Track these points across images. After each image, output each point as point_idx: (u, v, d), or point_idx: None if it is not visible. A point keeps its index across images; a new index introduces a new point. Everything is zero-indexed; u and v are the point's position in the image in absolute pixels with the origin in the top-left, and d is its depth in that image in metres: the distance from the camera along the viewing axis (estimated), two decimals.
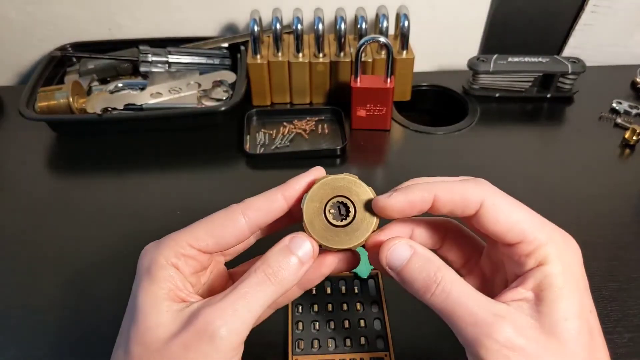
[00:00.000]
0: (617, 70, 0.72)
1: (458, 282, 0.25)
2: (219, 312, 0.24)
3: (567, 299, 0.24)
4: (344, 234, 0.28)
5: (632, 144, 0.58)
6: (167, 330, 0.24)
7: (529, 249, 0.25)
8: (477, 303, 0.24)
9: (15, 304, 0.42)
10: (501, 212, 0.25)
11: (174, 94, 0.62)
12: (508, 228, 0.25)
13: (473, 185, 0.26)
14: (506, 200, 0.26)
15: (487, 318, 0.24)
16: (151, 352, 0.24)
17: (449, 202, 0.26)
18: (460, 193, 0.26)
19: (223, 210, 0.28)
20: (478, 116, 0.64)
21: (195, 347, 0.23)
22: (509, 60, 0.65)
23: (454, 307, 0.24)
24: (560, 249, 0.25)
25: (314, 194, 0.28)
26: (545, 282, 0.24)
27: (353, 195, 0.28)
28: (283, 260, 0.26)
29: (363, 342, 0.38)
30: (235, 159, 0.58)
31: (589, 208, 0.50)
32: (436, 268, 0.25)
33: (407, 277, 0.26)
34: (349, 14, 0.63)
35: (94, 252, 0.46)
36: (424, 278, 0.25)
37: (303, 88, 0.65)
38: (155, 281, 0.25)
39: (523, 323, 0.24)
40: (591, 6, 0.70)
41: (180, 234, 0.27)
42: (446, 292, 0.25)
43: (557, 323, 0.24)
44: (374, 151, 0.60)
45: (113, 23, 0.71)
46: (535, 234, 0.25)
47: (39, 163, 0.58)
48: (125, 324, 0.26)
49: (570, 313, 0.24)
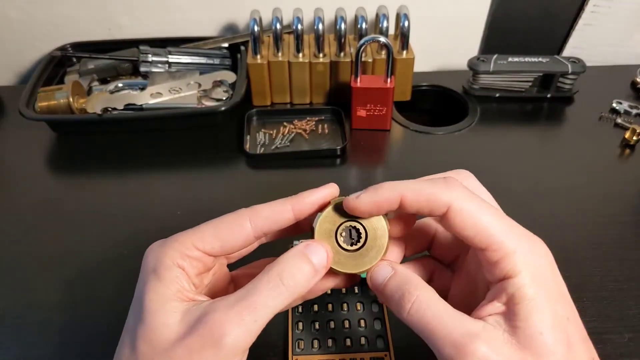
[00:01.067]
0: (617, 70, 0.72)
1: (434, 301, 0.25)
2: (226, 320, 0.24)
3: (540, 311, 0.24)
4: (352, 259, 0.28)
5: (632, 144, 0.58)
6: (174, 332, 0.24)
7: (496, 257, 0.25)
8: (452, 323, 0.24)
9: (15, 303, 0.42)
10: (468, 217, 0.25)
11: (174, 94, 0.62)
12: (475, 233, 0.25)
13: (442, 187, 0.26)
14: (474, 204, 0.26)
15: (462, 338, 0.24)
16: (158, 353, 0.24)
17: (415, 202, 0.26)
18: (426, 195, 0.26)
19: (230, 214, 0.28)
20: (478, 116, 0.64)
21: (200, 353, 0.23)
22: (509, 60, 0.65)
23: (429, 327, 0.24)
24: (527, 257, 0.25)
25: (328, 216, 0.28)
26: (517, 295, 0.24)
27: (366, 221, 0.28)
28: (298, 267, 0.26)
29: (363, 342, 0.38)
30: (235, 159, 0.58)
31: (588, 208, 0.50)
32: (413, 287, 0.26)
33: (386, 295, 0.27)
34: (349, 14, 0.63)
35: (94, 252, 0.46)
36: (400, 297, 0.26)
37: (303, 88, 0.65)
38: (162, 281, 0.25)
39: (498, 340, 0.24)
40: (591, 6, 0.70)
41: (186, 235, 0.27)
42: (421, 311, 0.25)
43: (532, 337, 0.23)
44: (374, 151, 0.60)
45: (113, 23, 0.71)
46: (502, 240, 0.25)
47: (39, 163, 0.58)
48: (131, 322, 0.26)
49: (545, 326, 0.24)
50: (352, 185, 0.55)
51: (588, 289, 0.42)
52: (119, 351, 0.26)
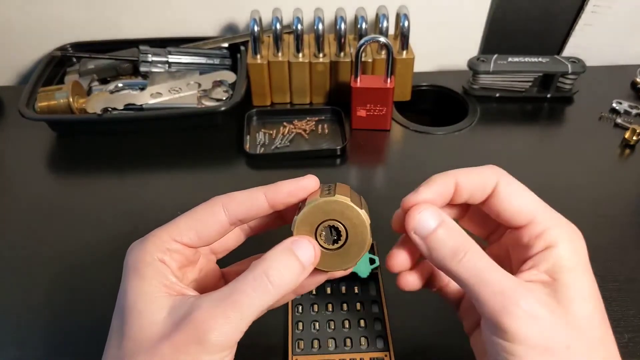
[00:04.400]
0: (617, 70, 0.72)
1: (483, 253, 0.26)
2: (211, 317, 0.23)
3: (579, 281, 0.25)
4: (336, 257, 0.28)
5: (632, 144, 0.58)
6: (160, 329, 0.24)
7: (538, 229, 0.26)
8: (502, 273, 0.25)
9: (15, 303, 0.42)
10: (514, 194, 0.27)
11: (174, 94, 0.62)
12: (520, 209, 0.27)
13: (487, 169, 0.28)
14: (518, 184, 0.28)
15: (513, 287, 0.24)
16: (144, 350, 0.24)
17: (469, 185, 0.27)
18: (478, 175, 0.28)
19: (204, 204, 0.28)
20: (478, 116, 0.64)
21: (185, 349, 0.23)
22: (509, 60, 0.65)
23: (481, 275, 0.25)
24: (567, 233, 0.26)
25: (305, 218, 0.27)
26: (557, 264, 0.25)
27: (345, 219, 0.27)
28: (285, 263, 0.25)
29: (363, 342, 0.38)
30: (235, 159, 0.58)
31: (588, 208, 0.50)
32: (464, 237, 0.26)
33: (433, 243, 0.26)
34: (349, 14, 0.63)
35: (94, 252, 0.46)
36: (452, 245, 0.26)
37: (303, 88, 0.65)
38: (144, 278, 0.25)
39: (544, 297, 0.25)
40: (591, 6, 0.70)
41: (162, 230, 0.27)
42: (473, 261, 0.25)
43: (572, 302, 0.24)
44: (374, 151, 0.60)
45: (113, 23, 0.71)
46: (544, 216, 0.26)
47: (39, 163, 0.58)
48: (116, 322, 0.26)
49: (585, 294, 0.25)
50: (352, 185, 0.54)
51: None
52: (105, 352, 0.26)
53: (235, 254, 0.33)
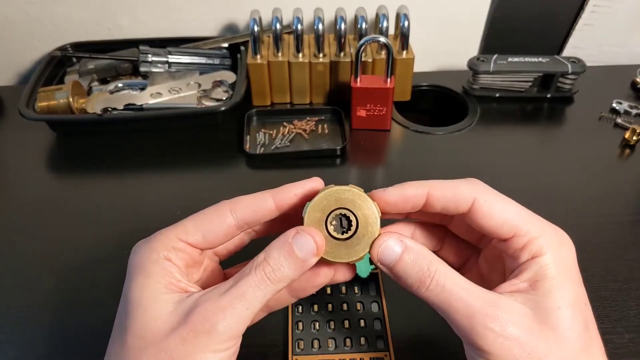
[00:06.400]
0: (617, 70, 0.72)
1: (451, 274, 0.25)
2: (217, 310, 0.24)
3: (560, 288, 0.25)
4: (343, 247, 0.27)
5: (632, 144, 0.58)
6: (167, 323, 0.24)
7: (523, 241, 0.26)
8: (472, 294, 0.25)
9: (15, 303, 0.42)
10: (494, 208, 0.26)
11: (174, 94, 0.62)
12: (501, 223, 0.26)
13: (465, 183, 0.27)
14: (498, 197, 0.27)
15: (482, 308, 0.24)
16: (152, 344, 0.24)
17: (441, 198, 0.27)
18: (452, 190, 0.27)
19: (213, 206, 0.28)
20: (478, 116, 0.64)
21: (193, 341, 0.24)
22: (509, 60, 0.65)
23: (449, 300, 0.25)
24: (552, 242, 0.26)
25: (317, 204, 0.27)
26: (539, 272, 0.25)
27: (357, 209, 0.27)
28: (285, 257, 0.25)
29: (363, 342, 0.38)
30: (235, 159, 0.58)
31: (588, 208, 0.50)
32: (429, 262, 0.26)
33: (400, 272, 0.26)
34: (349, 14, 0.63)
35: (94, 252, 0.46)
36: (417, 273, 0.26)
37: (303, 88, 0.65)
38: (150, 276, 0.26)
39: (516, 312, 0.24)
40: (591, 6, 0.70)
41: (169, 229, 0.28)
42: (440, 285, 0.25)
43: (550, 312, 0.24)
44: (374, 151, 0.60)
45: (113, 23, 0.71)
46: (528, 227, 0.26)
47: (39, 163, 0.58)
48: (120, 320, 0.26)
49: (564, 302, 0.24)
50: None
51: (588, 289, 0.41)
52: (109, 349, 0.26)
53: (237, 256, 0.33)
